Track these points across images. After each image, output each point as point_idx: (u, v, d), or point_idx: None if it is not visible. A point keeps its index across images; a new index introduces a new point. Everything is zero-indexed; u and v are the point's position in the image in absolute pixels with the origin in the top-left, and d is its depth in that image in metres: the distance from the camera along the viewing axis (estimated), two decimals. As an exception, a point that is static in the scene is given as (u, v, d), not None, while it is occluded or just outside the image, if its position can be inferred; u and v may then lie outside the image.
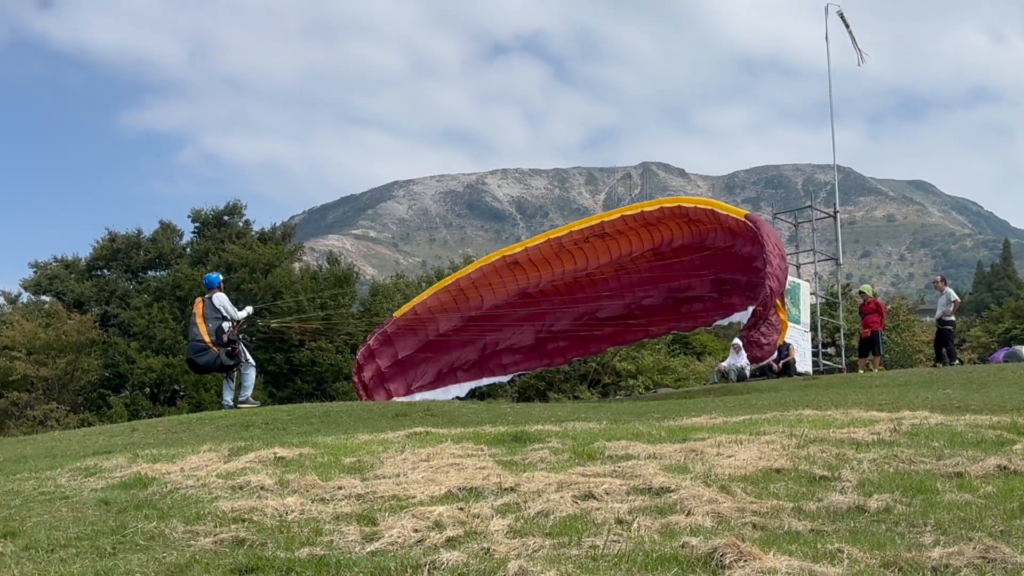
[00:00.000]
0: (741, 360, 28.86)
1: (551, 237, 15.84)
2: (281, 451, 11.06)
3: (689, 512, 7.26)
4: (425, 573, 5.92)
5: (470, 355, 18.99)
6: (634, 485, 8.41)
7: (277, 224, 50.30)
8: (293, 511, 7.95)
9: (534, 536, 6.82)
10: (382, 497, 8.47)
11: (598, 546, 6.43)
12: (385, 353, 18.48)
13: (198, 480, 9.74)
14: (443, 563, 6.06)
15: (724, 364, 31.85)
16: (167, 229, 45.29)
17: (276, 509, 8.02)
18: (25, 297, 42.54)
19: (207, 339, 17.64)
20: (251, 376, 18.77)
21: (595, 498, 7.89)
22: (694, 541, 6.36)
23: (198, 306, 18.20)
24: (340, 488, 8.98)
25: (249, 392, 18.66)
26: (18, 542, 7.33)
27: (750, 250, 17.16)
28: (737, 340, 29.03)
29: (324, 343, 41.43)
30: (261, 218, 47.29)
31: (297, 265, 47.49)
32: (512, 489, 8.43)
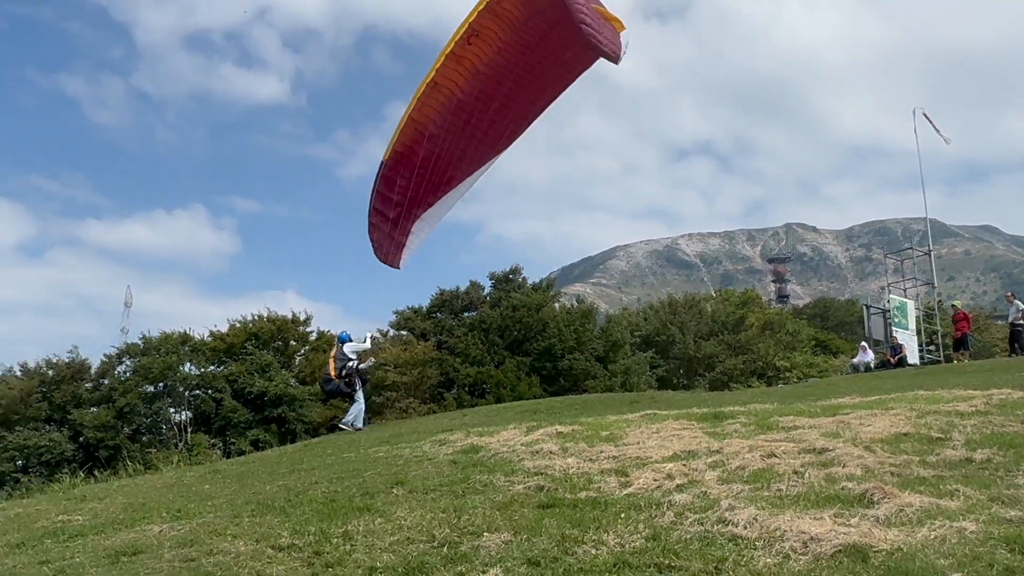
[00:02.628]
0: (868, 357, 37.95)
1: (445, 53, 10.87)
2: (560, 428, 13.62)
3: (844, 465, 9.27)
4: (664, 508, 8.21)
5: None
6: (802, 447, 10.46)
7: (542, 278, 63.97)
8: (572, 468, 10.52)
9: (736, 483, 8.96)
10: (629, 458, 10.87)
11: (782, 489, 8.57)
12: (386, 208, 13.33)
13: (509, 448, 12.45)
14: (675, 502, 8.43)
15: (855, 360, 39.52)
16: (474, 285, 57.79)
17: (561, 466, 10.61)
18: (391, 332, 54.90)
19: (332, 374, 21.46)
20: (356, 408, 21.66)
21: (776, 456, 9.98)
22: (850, 485, 8.45)
23: (333, 351, 21.90)
24: (601, 452, 11.45)
25: (350, 418, 21.64)
26: (404, 487, 10.27)
27: None
28: (863, 343, 40.38)
29: (577, 354, 52.20)
30: (532, 275, 59.76)
31: (556, 304, 59.14)
32: (717, 451, 10.69)
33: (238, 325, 50.37)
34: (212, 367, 47.55)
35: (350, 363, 20.71)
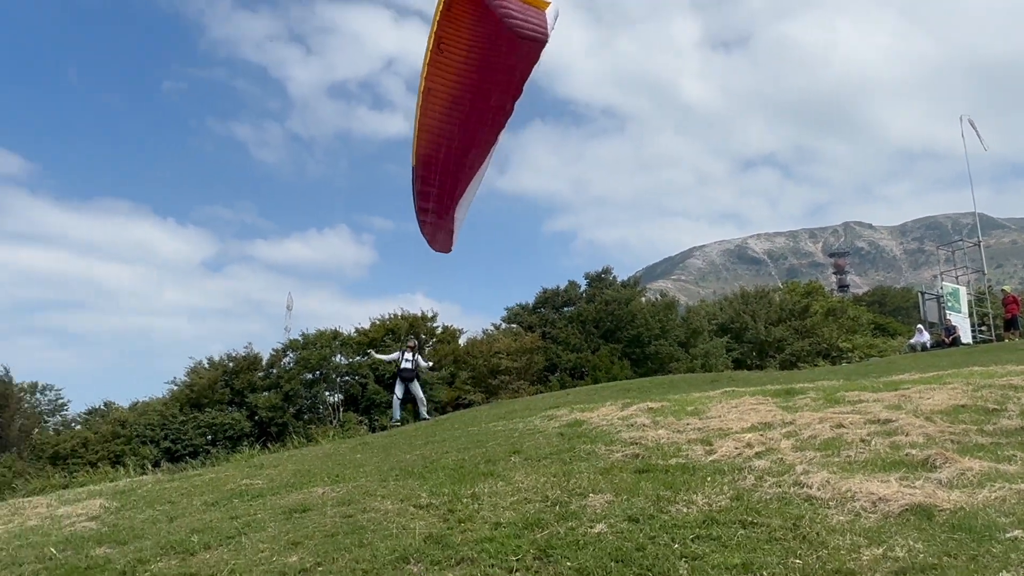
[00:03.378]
0: (924, 337, 35.98)
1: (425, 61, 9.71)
2: (651, 404, 13.41)
3: (907, 434, 8.85)
4: (745, 473, 8.05)
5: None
6: (867, 418, 10.02)
7: (629, 276, 63.98)
8: (663, 438, 10.37)
9: (808, 450, 8.71)
10: (713, 429, 10.63)
11: (851, 455, 8.28)
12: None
13: (607, 422, 12.32)
14: (755, 467, 8.26)
15: (912, 340, 37.49)
16: (572, 284, 58.77)
17: (653, 437, 10.49)
18: (503, 326, 55.48)
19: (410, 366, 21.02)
20: (421, 402, 21.44)
21: (844, 427, 9.59)
22: (913, 451, 8.10)
23: (408, 353, 21.48)
24: (687, 424, 11.24)
25: (424, 409, 21.39)
26: (520, 455, 10.31)
27: None
28: (920, 325, 38.03)
29: (662, 340, 51.81)
30: (620, 274, 59.73)
31: (642, 299, 58.88)
32: (790, 423, 10.34)
33: (377, 322, 51.57)
34: (358, 357, 48.79)
35: (422, 364, 21.41)
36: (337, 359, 48.70)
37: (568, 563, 5.72)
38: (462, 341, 54.03)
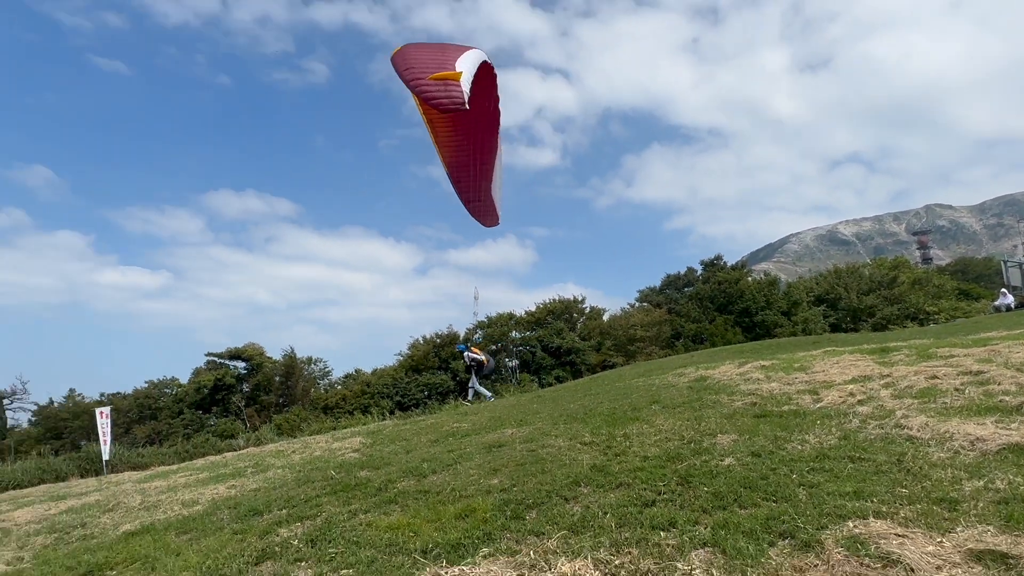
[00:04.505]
0: (1008, 299, 31.79)
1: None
2: (763, 362, 12.69)
3: (999, 383, 7.77)
4: (850, 417, 7.40)
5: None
6: (960, 371, 8.88)
7: (736, 261, 61.92)
8: (775, 389, 9.72)
9: (906, 398, 7.86)
10: (818, 381, 9.86)
11: (947, 402, 7.39)
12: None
13: (727, 377, 11.78)
14: (859, 412, 7.57)
15: (997, 302, 32.94)
16: (690, 270, 57.29)
17: (767, 389, 9.87)
18: (637, 304, 55.04)
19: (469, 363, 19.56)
20: (473, 388, 19.75)
21: (938, 378, 8.58)
22: (1007, 398, 7.10)
23: (468, 352, 19.79)
24: (796, 378, 10.45)
25: (477, 393, 19.70)
26: (659, 404, 10.01)
27: None
28: (1003, 288, 34.02)
29: (767, 311, 48.18)
30: (729, 259, 56.43)
31: (749, 278, 54.92)
32: (888, 375, 9.38)
33: (540, 306, 52.17)
34: (528, 332, 49.60)
35: (472, 361, 19.52)
36: (513, 334, 49.80)
37: (705, 488, 5.52)
38: (605, 317, 53.64)
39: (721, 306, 50.22)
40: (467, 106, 7.66)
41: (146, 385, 46.41)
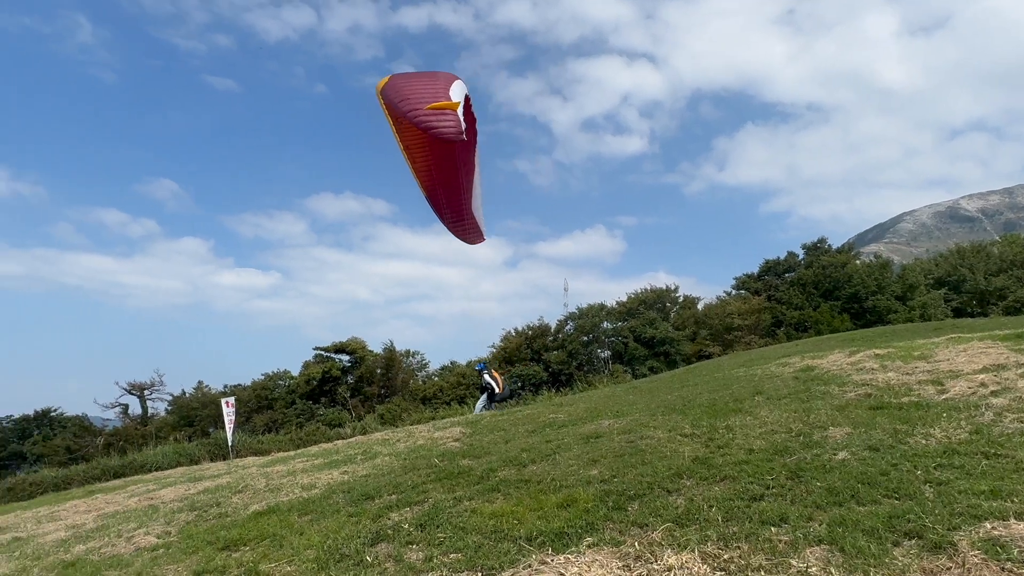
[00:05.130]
0: None
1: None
2: (876, 351, 11.79)
3: None
4: (983, 410, 6.79)
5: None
6: None
7: (842, 243, 55.62)
8: (892, 380, 9.06)
9: None
10: (942, 371, 9.07)
11: None
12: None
13: (837, 367, 11.07)
14: (993, 404, 6.92)
15: None
16: (791, 254, 54.40)
17: (883, 379, 9.19)
18: (733, 292, 52.34)
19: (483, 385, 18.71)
20: (480, 402, 19.03)
21: None
22: None
23: (486, 373, 19.11)
24: (916, 367, 9.69)
25: (480, 406, 19.05)
26: (762, 395, 9.61)
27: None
28: None
29: (878, 295, 44.03)
30: (834, 242, 52.46)
31: (857, 261, 50.77)
32: None
33: (632, 296, 51.32)
34: (619, 323, 48.94)
35: (487, 383, 19.08)
36: (604, 324, 49.30)
37: (818, 483, 5.26)
38: (700, 306, 51.96)
39: (826, 292, 47.21)
40: (464, 136, 7.77)
41: (262, 377, 50.00)
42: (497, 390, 18.77)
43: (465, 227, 11.63)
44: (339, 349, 49.89)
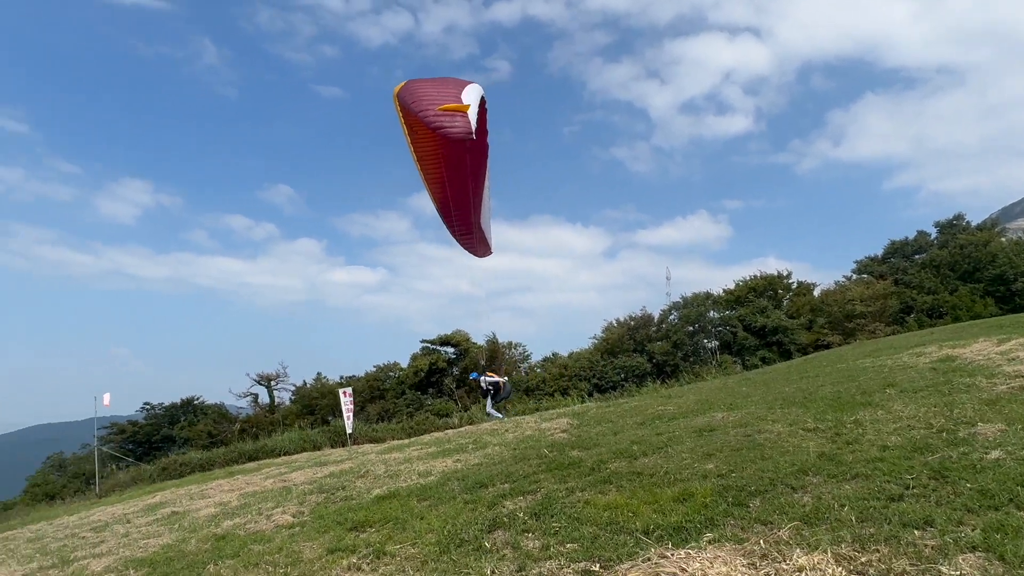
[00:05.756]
0: None
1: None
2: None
3: None
4: None
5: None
6: None
7: (984, 219, 50.21)
8: None
9: None
10: None
11: None
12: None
13: (984, 356, 10.08)
14: None
15: None
16: (921, 234, 49.32)
17: None
18: (854, 276, 48.26)
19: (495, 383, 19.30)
20: (489, 408, 19.76)
21: None
22: None
23: (483, 377, 19.79)
24: None
25: (490, 411, 19.94)
26: (895, 388, 8.87)
27: None
28: None
29: None
30: (973, 218, 46.39)
31: (1002, 239, 44.84)
32: None
33: (740, 283, 49.07)
34: (727, 311, 47.01)
35: (489, 385, 19.74)
36: (711, 314, 47.53)
37: (967, 484, 4.81)
38: (816, 292, 48.74)
39: (965, 274, 42.69)
40: (474, 136, 7.93)
41: (374, 369, 52.68)
42: (499, 382, 20.02)
43: (473, 240, 11.98)
44: (444, 342, 51.56)
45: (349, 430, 24.82)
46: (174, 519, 9.58)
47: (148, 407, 49.48)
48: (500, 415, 19.94)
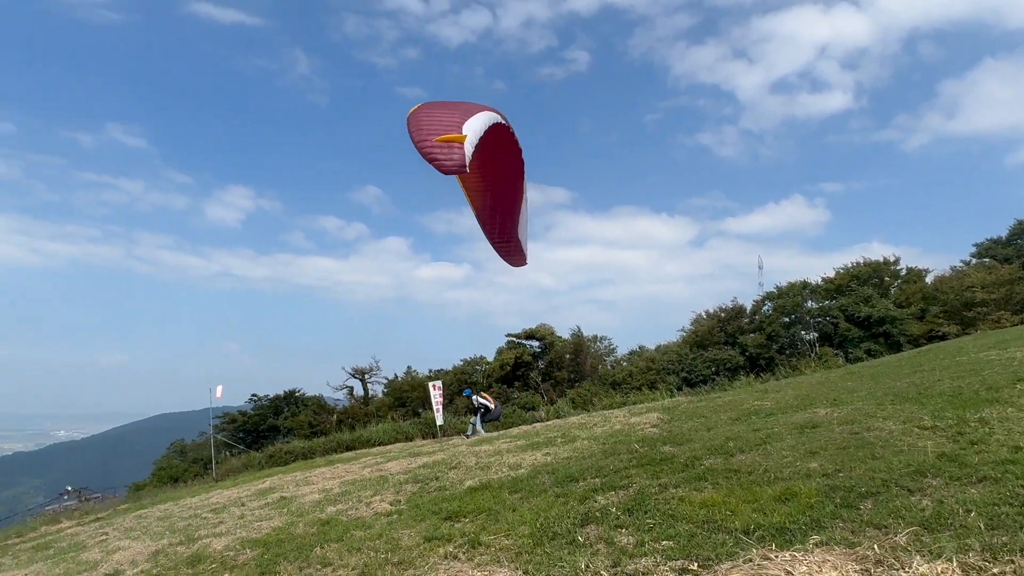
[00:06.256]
0: None
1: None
2: None
3: None
4: None
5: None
6: None
7: None
8: None
9: None
10: None
11: None
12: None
13: None
14: None
15: None
16: None
17: None
18: (973, 261, 44.66)
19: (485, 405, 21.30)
20: (473, 424, 21.03)
21: None
22: None
23: (476, 397, 21.65)
24: None
25: (472, 428, 21.04)
26: (1022, 384, 8.31)
27: None
28: None
29: None
30: None
31: None
32: None
33: (841, 271, 46.16)
34: (826, 301, 44.40)
35: (479, 404, 21.63)
36: (808, 304, 45.05)
37: (1121, 491, 4.31)
38: (929, 279, 45.05)
39: (1108, 255, 38.12)
40: (467, 169, 8.05)
41: (461, 363, 53.87)
42: (490, 406, 21.40)
43: (509, 248, 12.62)
44: (529, 335, 51.91)
45: (439, 422, 25.52)
46: (282, 504, 10.23)
47: (255, 398, 53.10)
48: (482, 431, 20.90)
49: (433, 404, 25.65)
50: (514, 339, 52.58)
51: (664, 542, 4.99)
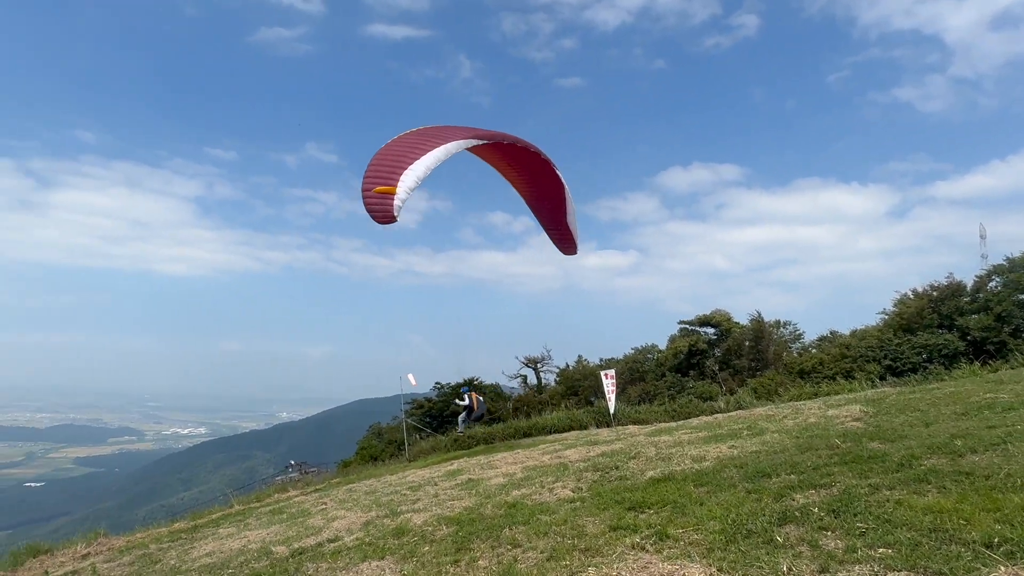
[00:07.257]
0: None
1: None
2: None
3: None
4: None
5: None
6: None
7: None
8: None
9: None
10: None
11: None
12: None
13: None
14: None
15: None
16: None
17: None
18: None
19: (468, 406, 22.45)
20: (462, 426, 22.16)
21: None
22: None
23: (467, 395, 22.69)
24: None
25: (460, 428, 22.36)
26: None
27: None
28: None
29: None
30: None
31: None
32: None
33: (1099, 235, 38.04)
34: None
35: (463, 405, 22.47)
36: (1052, 278, 37.71)
37: None
38: None
39: None
40: (396, 219, 9.50)
41: (632, 351, 53.17)
42: (474, 408, 22.37)
43: (559, 235, 14.66)
44: (703, 322, 49.69)
45: (612, 411, 25.46)
46: (470, 485, 10.90)
47: (439, 386, 57.30)
48: (461, 428, 22.43)
49: (606, 392, 25.67)
50: (687, 326, 50.70)
51: (881, 549, 4.50)
